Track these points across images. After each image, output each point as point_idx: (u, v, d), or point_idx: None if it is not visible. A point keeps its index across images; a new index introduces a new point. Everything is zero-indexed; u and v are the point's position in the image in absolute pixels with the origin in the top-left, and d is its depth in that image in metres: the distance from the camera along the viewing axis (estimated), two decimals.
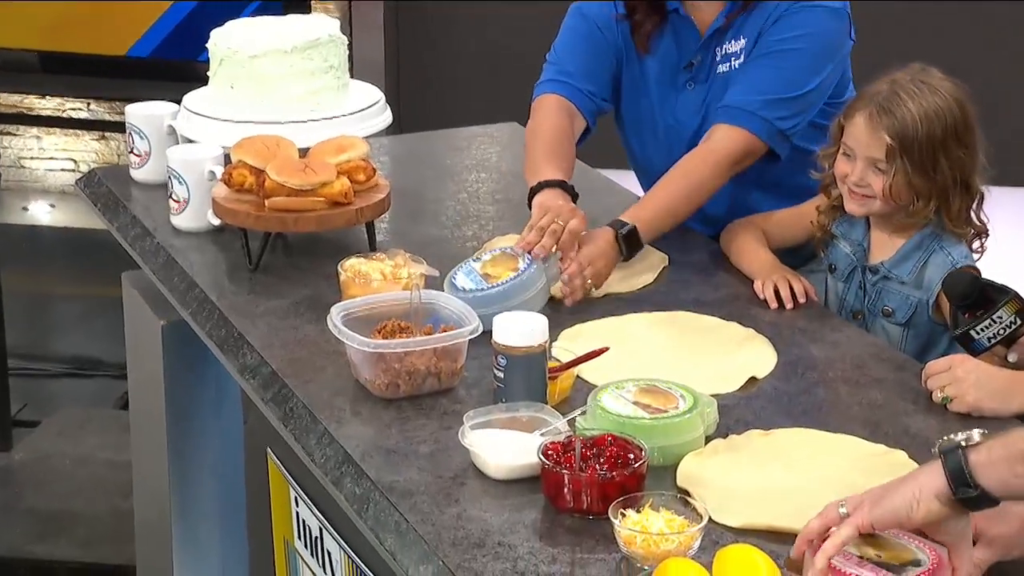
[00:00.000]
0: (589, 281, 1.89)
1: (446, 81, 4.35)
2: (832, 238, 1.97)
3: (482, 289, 1.80)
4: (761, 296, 1.92)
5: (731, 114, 2.02)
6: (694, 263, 2.06)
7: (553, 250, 1.87)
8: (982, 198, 1.88)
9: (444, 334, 1.67)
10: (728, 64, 2.07)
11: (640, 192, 2.31)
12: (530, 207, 1.98)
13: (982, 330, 1.67)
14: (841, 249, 1.96)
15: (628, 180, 2.38)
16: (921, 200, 1.84)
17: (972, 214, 1.87)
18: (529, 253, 1.85)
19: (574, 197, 1.99)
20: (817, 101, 2.03)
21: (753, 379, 1.71)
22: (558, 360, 1.69)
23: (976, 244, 1.89)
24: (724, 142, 2.01)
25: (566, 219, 1.89)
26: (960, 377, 1.62)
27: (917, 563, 1.25)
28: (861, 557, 1.26)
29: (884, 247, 1.92)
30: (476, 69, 4.30)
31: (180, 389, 2.17)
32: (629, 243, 1.94)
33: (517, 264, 1.83)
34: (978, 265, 1.89)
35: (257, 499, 2.06)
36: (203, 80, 2.28)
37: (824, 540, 1.27)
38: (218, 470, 2.19)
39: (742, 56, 2.05)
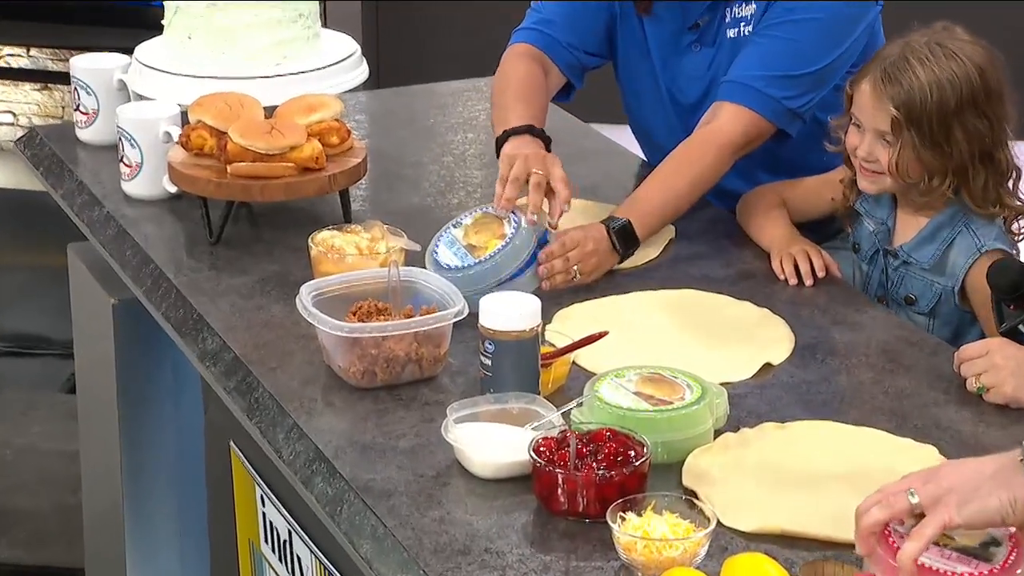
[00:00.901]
0: (575, 268, 1.85)
1: (429, 30, 4.34)
2: (856, 214, 1.97)
3: (470, 266, 1.80)
4: (778, 272, 1.93)
5: (734, 91, 2.00)
6: (704, 235, 2.06)
7: (543, 206, 1.85)
8: (1019, 174, 1.88)
9: (426, 316, 1.67)
10: (737, 29, 2.06)
11: (639, 153, 2.31)
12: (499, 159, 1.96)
13: None
14: (865, 227, 1.97)
15: (624, 136, 2.37)
16: (935, 177, 1.84)
17: (1003, 192, 1.86)
18: (514, 213, 1.84)
19: (547, 144, 1.97)
20: (833, 76, 2.01)
21: (768, 365, 1.72)
22: (552, 345, 1.69)
23: (1016, 226, 1.88)
24: (727, 124, 1.99)
25: (545, 167, 1.86)
26: (998, 364, 1.63)
27: (993, 542, 1.28)
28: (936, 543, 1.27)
29: (908, 228, 1.92)
30: (463, 16, 4.28)
31: (133, 374, 2.18)
32: (624, 240, 1.91)
33: (504, 229, 1.82)
34: (1017, 248, 1.89)
35: (219, 497, 2.07)
36: (158, 28, 2.27)
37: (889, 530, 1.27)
38: (176, 464, 2.20)
39: (752, 23, 2.04)
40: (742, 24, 2.05)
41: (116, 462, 2.21)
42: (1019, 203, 1.88)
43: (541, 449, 1.46)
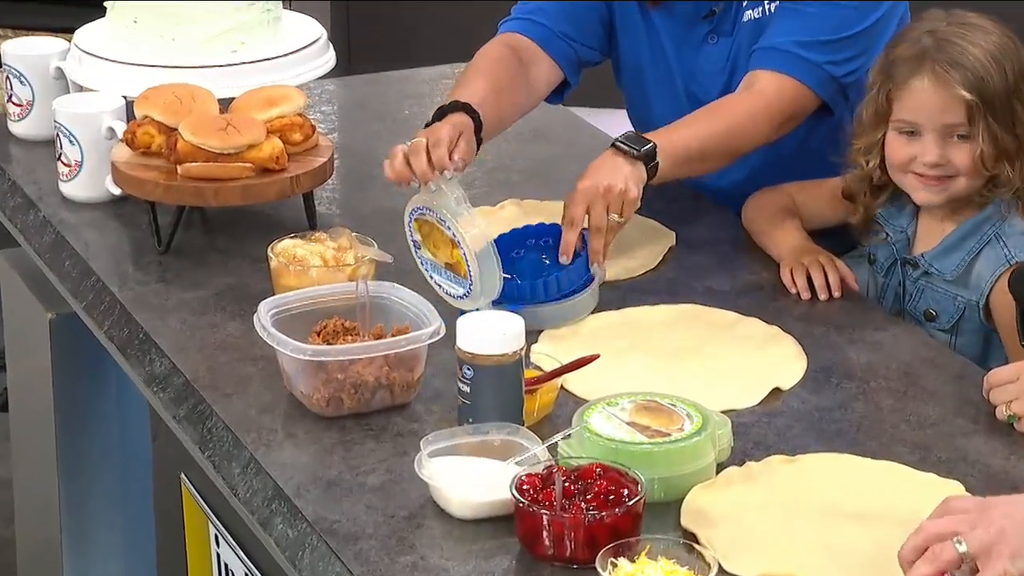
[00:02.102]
0: (613, 216, 1.86)
1: (406, 10, 4.34)
2: (874, 223, 1.99)
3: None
4: (789, 285, 1.95)
5: (770, 57, 2.01)
6: (707, 242, 2.09)
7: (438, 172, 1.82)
8: None
9: (398, 337, 1.69)
10: (759, 9, 2.06)
11: None
12: None
13: None
14: (883, 236, 1.99)
15: (602, 120, 2.38)
16: (1012, 165, 1.86)
17: None
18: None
19: (478, 127, 1.95)
20: (878, 40, 2.00)
21: (777, 391, 1.74)
22: (539, 369, 1.71)
23: None
24: (773, 89, 2.00)
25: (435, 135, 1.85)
26: None
27: None
28: None
29: (931, 236, 1.95)
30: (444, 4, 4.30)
31: (73, 396, 2.19)
32: (633, 138, 1.90)
33: (447, 235, 1.81)
34: None
35: (169, 535, 2.09)
36: (101, 8, 2.28)
37: None
38: (121, 497, 2.21)
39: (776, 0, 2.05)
40: (765, 2, 2.06)
41: (54, 492, 2.22)
42: None
43: (524, 487, 1.48)
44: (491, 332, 1.61)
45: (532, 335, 1.83)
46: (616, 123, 2.33)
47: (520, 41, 2.12)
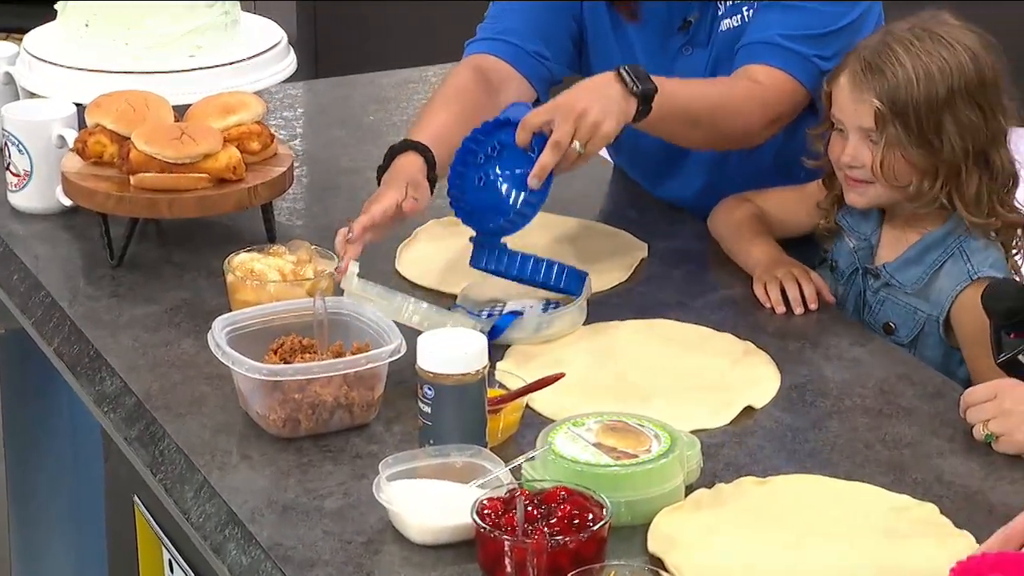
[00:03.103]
0: (576, 144, 1.81)
1: (376, 9, 4.35)
2: (838, 230, 2.01)
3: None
4: (762, 298, 1.97)
5: (759, 51, 2.02)
6: (681, 254, 2.10)
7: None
8: (1015, 179, 1.91)
9: (357, 356, 1.70)
10: (738, 16, 2.07)
11: (608, 173, 2.33)
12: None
13: None
14: (846, 243, 2.01)
15: None
16: (925, 179, 1.88)
17: (997, 200, 1.90)
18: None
19: (431, 165, 1.95)
20: (858, 37, 2.01)
21: (749, 409, 1.76)
22: (504, 387, 1.73)
23: (1016, 242, 1.93)
24: (767, 80, 2.00)
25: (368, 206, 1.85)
26: (1008, 409, 1.67)
27: None
28: None
29: (894, 246, 1.97)
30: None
31: (23, 414, 2.19)
32: (634, 73, 1.87)
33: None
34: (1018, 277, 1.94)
35: (121, 559, 2.09)
36: (52, 11, 2.29)
37: None
38: (72, 519, 2.22)
39: (755, 4, 2.06)
40: (743, 10, 2.06)
41: (3, 514, 2.22)
42: (1016, 214, 1.92)
43: (486, 511, 1.49)
44: (453, 350, 1.61)
45: (498, 352, 1.84)
46: None
47: (490, 62, 2.12)
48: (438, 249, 2.08)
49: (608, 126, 1.85)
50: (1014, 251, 1.95)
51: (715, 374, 1.82)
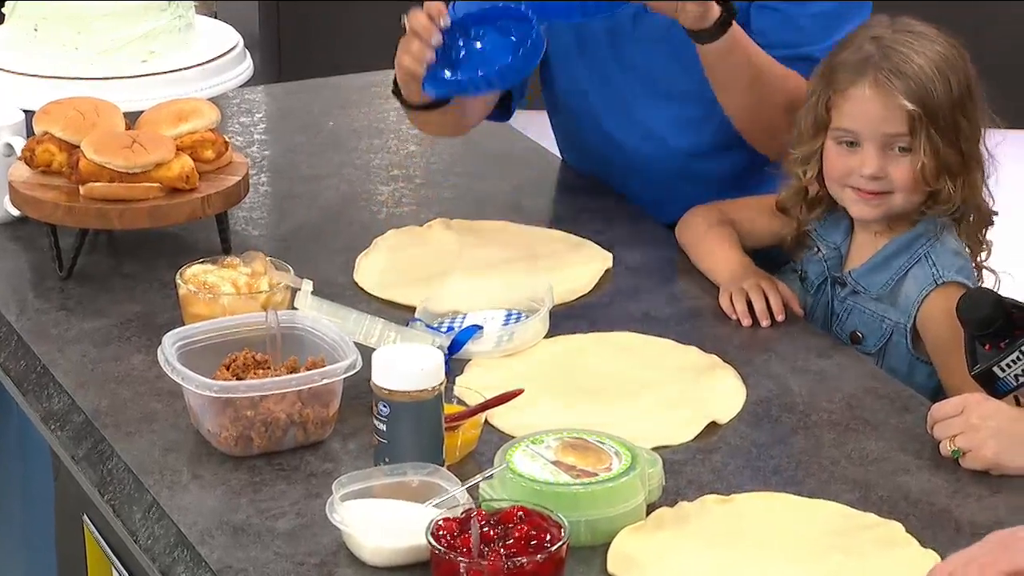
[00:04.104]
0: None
1: (341, 8, 4.35)
2: (808, 239, 2.03)
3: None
4: (728, 310, 1.98)
5: (801, 69, 2.05)
6: (647, 263, 2.12)
7: None
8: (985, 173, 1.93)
9: (312, 372, 1.71)
10: None
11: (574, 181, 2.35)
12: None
13: (1008, 366, 1.73)
14: (816, 253, 2.03)
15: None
16: (954, 181, 1.90)
17: (974, 190, 1.92)
18: None
19: None
20: None
21: (713, 425, 1.77)
22: (463, 403, 1.74)
23: (982, 234, 1.95)
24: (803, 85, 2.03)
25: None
26: (975, 424, 1.69)
27: None
28: None
29: (863, 252, 1.98)
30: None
31: None
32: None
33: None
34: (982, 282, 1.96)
35: None
36: None
37: None
38: (21, 538, 2.21)
39: None
40: None
41: None
42: (986, 205, 1.94)
43: (441, 532, 1.50)
44: (408, 366, 1.62)
45: (458, 366, 1.85)
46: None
47: None
48: (397, 259, 2.09)
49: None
50: (982, 249, 1.97)
51: (679, 389, 1.83)
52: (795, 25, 2.08)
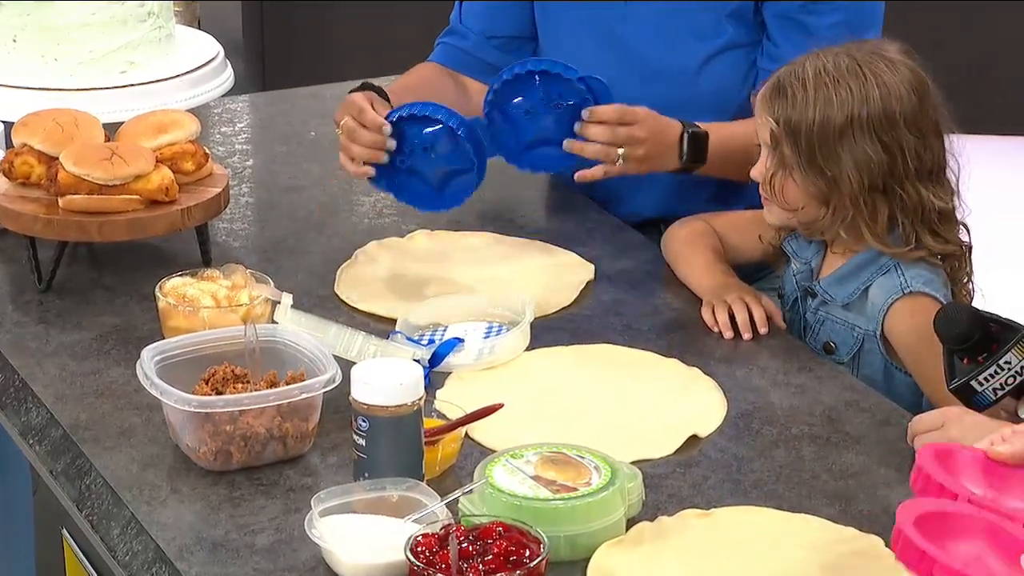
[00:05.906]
0: (620, 152, 2.04)
1: (327, 11, 4.36)
2: (786, 257, 2.05)
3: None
4: (710, 323, 1.99)
5: None
6: (629, 275, 2.13)
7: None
8: (944, 214, 1.93)
9: (291, 386, 1.72)
10: None
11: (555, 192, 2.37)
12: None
13: (986, 380, 1.74)
14: (791, 268, 2.05)
15: None
16: (820, 207, 1.93)
17: (924, 231, 1.93)
18: None
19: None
20: None
21: (694, 438, 1.79)
22: (443, 417, 1.75)
23: (963, 267, 1.97)
24: None
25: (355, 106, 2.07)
26: (955, 438, 1.70)
27: None
28: None
29: (834, 266, 2.00)
30: (366, 5, 4.32)
31: None
32: (693, 145, 2.09)
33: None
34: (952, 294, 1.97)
35: None
36: None
37: None
38: (1, 551, 2.22)
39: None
40: None
41: None
42: (952, 245, 1.95)
43: (420, 548, 1.50)
44: (387, 381, 1.63)
45: (439, 379, 1.86)
46: None
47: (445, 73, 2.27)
48: (378, 271, 2.10)
49: (644, 168, 2.10)
50: (964, 278, 1.99)
51: (660, 402, 1.84)
52: (814, 37, 2.09)
